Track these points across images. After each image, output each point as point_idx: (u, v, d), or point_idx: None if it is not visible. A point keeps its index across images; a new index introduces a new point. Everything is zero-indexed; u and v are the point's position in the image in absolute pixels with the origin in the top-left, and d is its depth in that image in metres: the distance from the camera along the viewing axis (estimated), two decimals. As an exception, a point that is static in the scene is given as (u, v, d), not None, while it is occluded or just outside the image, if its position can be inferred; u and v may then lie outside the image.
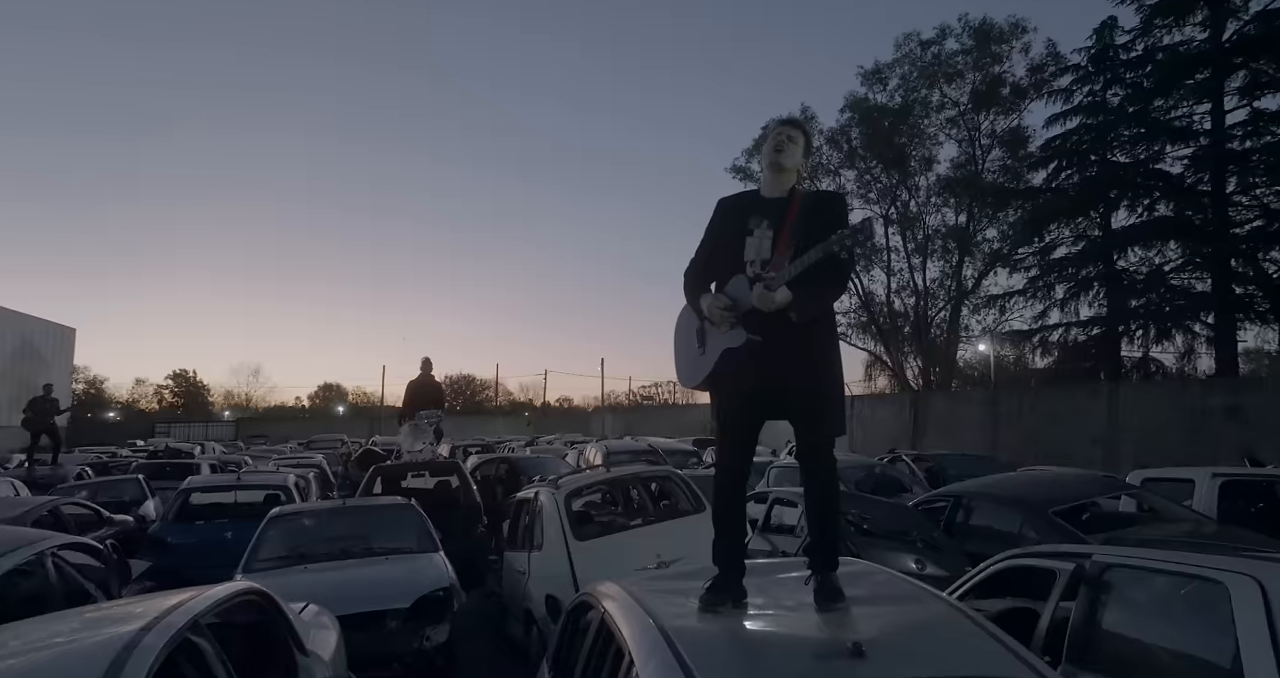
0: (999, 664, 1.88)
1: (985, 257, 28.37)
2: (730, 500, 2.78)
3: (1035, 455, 13.98)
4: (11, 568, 4.50)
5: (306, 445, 23.37)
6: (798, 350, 2.54)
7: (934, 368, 29.08)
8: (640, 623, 2.24)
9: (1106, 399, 15.77)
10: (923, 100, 28.53)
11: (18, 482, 11.78)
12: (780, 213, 2.62)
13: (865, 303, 30.02)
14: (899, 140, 28.28)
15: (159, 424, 45.00)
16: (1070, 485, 6.02)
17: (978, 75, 27.84)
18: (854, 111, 28.72)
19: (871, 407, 23.45)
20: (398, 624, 4.96)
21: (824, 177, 30.08)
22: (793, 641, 2.14)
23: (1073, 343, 22.82)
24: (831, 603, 2.32)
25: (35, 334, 37.18)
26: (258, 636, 3.25)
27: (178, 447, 21.35)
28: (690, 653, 1.95)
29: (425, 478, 9.70)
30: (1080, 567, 2.94)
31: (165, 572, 7.21)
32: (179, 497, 8.84)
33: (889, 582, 2.63)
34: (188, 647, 2.42)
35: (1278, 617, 2.15)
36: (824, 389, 2.60)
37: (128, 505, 11.07)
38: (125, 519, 9.63)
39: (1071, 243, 23.73)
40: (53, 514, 8.15)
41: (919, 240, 29.22)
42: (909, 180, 29.08)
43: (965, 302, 28.48)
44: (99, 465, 16.31)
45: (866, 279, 30.20)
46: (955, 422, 19.72)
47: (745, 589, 2.53)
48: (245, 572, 5.52)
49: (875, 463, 10.98)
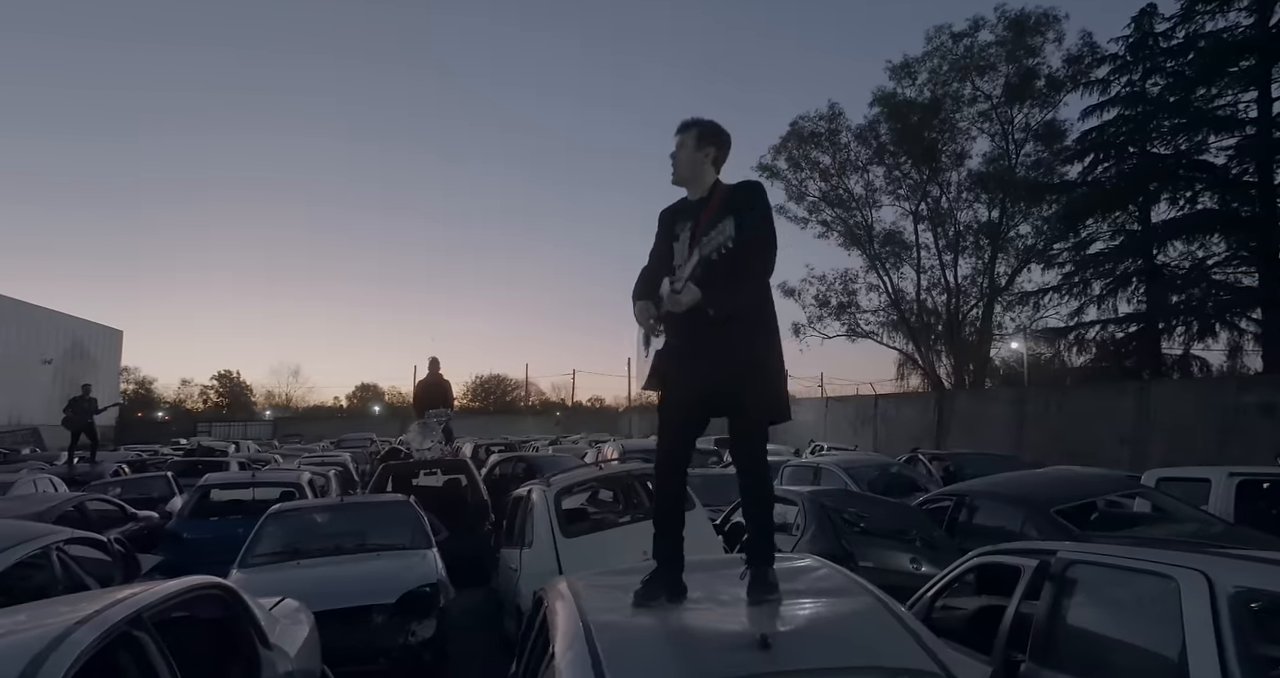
0: (901, 655, 1.88)
1: (1019, 253, 27.75)
2: (667, 497, 2.78)
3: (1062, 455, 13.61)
4: (18, 560, 4.66)
5: (337, 444, 23.85)
6: (720, 347, 2.54)
7: (967, 367, 28.51)
8: (569, 618, 2.27)
9: (1135, 398, 15.30)
10: (954, 94, 28.00)
11: (56, 478, 12.23)
12: (698, 214, 2.68)
13: (895, 301, 29.57)
14: (929, 135, 27.78)
15: (201, 424, 46.40)
16: (1075, 485, 5.87)
17: (1011, 68, 27.22)
18: (882, 106, 28.31)
19: (896, 406, 23.12)
20: (384, 619, 5.01)
21: (852, 173, 29.74)
22: (706, 634, 2.15)
23: (1110, 340, 22.19)
24: (763, 596, 2.32)
25: (85, 336, 38.60)
26: (220, 629, 3.29)
27: (210, 445, 21.94)
28: (605, 648, 1.97)
29: (437, 476, 9.80)
30: (1044, 564, 2.94)
31: (177, 566, 7.37)
32: (195, 493, 9.06)
33: (827, 576, 2.62)
34: (127, 641, 2.45)
35: (1223, 609, 2.16)
36: (750, 384, 2.58)
37: (155, 502, 11.41)
38: (149, 515, 9.90)
39: (1109, 237, 23.10)
40: (78, 510, 8.43)
41: (950, 237, 28.68)
42: (940, 176, 28.55)
43: (998, 299, 27.87)
44: (136, 463, 16.84)
45: (896, 277, 29.78)
46: (980, 421, 19.35)
47: (684, 585, 2.53)
48: (240, 567, 5.64)
49: (892, 462, 10.81)
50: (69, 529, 5.72)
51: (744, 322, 2.57)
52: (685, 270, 2.52)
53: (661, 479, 2.78)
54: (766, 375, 2.63)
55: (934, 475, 10.05)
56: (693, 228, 2.67)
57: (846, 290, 30.07)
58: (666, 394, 2.70)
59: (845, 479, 9.30)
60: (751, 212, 2.60)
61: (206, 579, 3.32)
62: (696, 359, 2.57)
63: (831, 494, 6.62)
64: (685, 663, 1.95)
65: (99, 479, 13.19)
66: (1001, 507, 5.82)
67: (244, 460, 15.55)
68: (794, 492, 6.49)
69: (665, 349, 2.65)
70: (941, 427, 20.37)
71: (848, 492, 7.42)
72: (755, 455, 2.67)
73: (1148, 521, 5.69)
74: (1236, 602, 2.20)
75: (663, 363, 2.67)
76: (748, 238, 2.53)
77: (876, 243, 29.52)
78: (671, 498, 2.77)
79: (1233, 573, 2.30)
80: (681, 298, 2.51)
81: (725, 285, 2.51)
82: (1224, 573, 2.29)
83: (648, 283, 2.79)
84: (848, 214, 30.10)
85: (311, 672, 3.80)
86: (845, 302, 30.02)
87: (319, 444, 26.11)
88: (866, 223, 29.95)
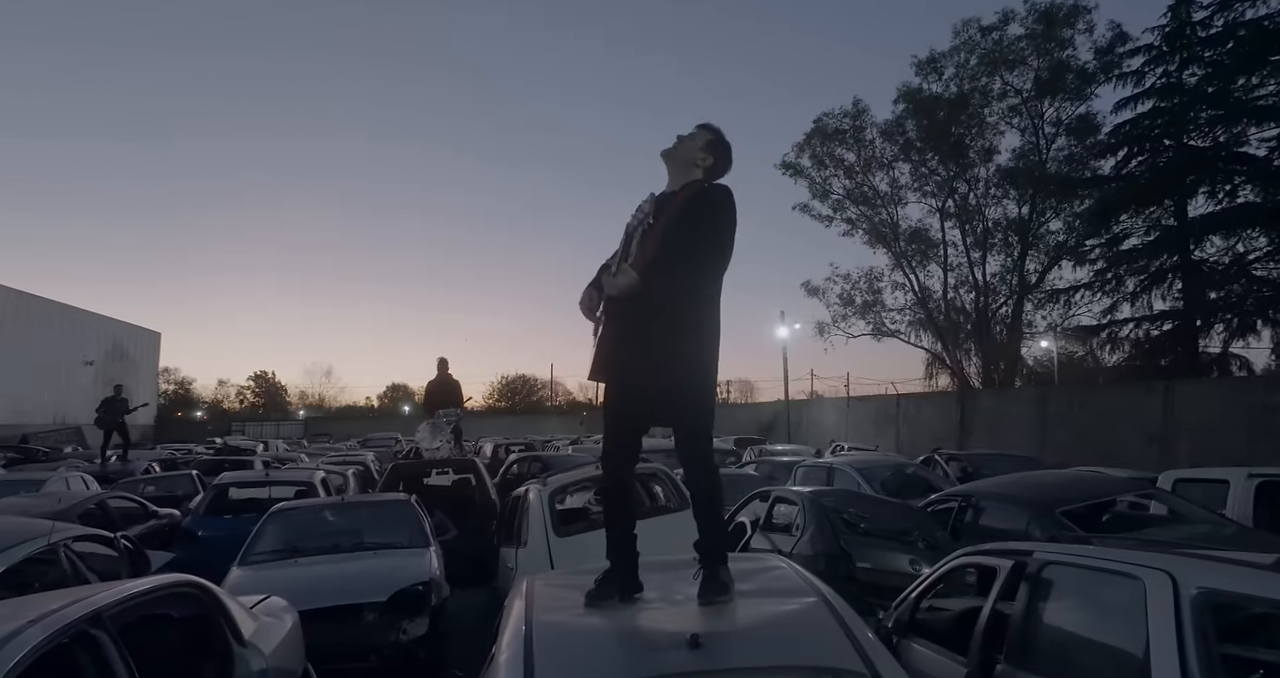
0: (830, 654, 1.87)
1: (1049, 249, 27.13)
2: (613, 496, 2.78)
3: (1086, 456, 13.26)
4: (26, 556, 4.78)
5: (363, 444, 24.20)
6: (655, 339, 2.52)
7: (996, 366, 27.96)
8: (516, 617, 2.28)
9: (1162, 397, 14.86)
10: (982, 89, 27.48)
11: (87, 476, 12.57)
12: (665, 206, 2.70)
13: (921, 300, 29.10)
14: (956, 131, 27.30)
15: (235, 423, 47.48)
16: (1081, 486, 5.75)
17: (1041, 61, 26.61)
18: (907, 102, 27.87)
19: (918, 406, 22.76)
20: (375, 617, 5.04)
21: (877, 170, 29.34)
22: (641, 634, 2.17)
23: (1146, 338, 21.59)
24: (713, 597, 2.30)
25: (125, 338, 39.74)
26: (194, 627, 3.32)
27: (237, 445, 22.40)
28: (541, 648, 1.98)
29: (449, 475, 9.86)
30: (1018, 565, 2.95)
31: (189, 563, 7.50)
32: (210, 492, 9.22)
33: (781, 576, 2.61)
34: (84, 640, 2.47)
35: (1185, 609, 2.16)
36: (688, 384, 2.56)
37: (180, 500, 11.65)
38: (171, 513, 10.10)
39: (1143, 233, 22.50)
40: (100, 507, 8.63)
41: (978, 234, 28.14)
42: (968, 172, 28.04)
43: (1029, 297, 27.27)
44: (167, 462, 17.27)
45: (922, 275, 29.32)
46: (1003, 421, 19.01)
47: (640, 584, 2.53)
48: (240, 564, 5.72)
49: (907, 463, 10.65)
50: (77, 526, 5.84)
51: (684, 317, 2.55)
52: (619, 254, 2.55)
53: (607, 479, 2.79)
54: (701, 376, 2.60)
55: (950, 476, 9.87)
56: (653, 219, 2.68)
57: (871, 289, 29.73)
58: (608, 394, 2.70)
59: (858, 480, 9.19)
60: (708, 213, 2.62)
61: (179, 578, 3.36)
62: (637, 351, 2.55)
63: (832, 495, 6.54)
64: (613, 663, 1.96)
65: (129, 477, 13.53)
66: (1006, 508, 5.71)
67: (268, 460, 15.83)
68: (794, 492, 6.43)
69: (604, 338, 2.63)
70: (964, 427, 20.00)
71: (849, 492, 7.32)
72: (700, 454, 2.66)
73: (1161, 523, 5.55)
74: (1199, 603, 2.18)
75: (603, 354, 2.65)
76: (700, 233, 2.55)
77: (902, 241, 29.10)
78: (618, 497, 2.77)
79: (1197, 574, 2.28)
80: (618, 279, 2.52)
81: (666, 276, 2.50)
82: (1188, 574, 2.27)
83: (603, 269, 2.79)
84: (873, 212, 29.72)
85: (291, 670, 3.82)
86: (870, 300, 29.68)
87: (345, 444, 26.51)
88: (892, 220, 29.56)
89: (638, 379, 2.58)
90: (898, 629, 3.70)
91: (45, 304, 34.10)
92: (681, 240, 2.54)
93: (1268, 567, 2.26)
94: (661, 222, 2.63)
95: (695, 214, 2.60)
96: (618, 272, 2.52)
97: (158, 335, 44.08)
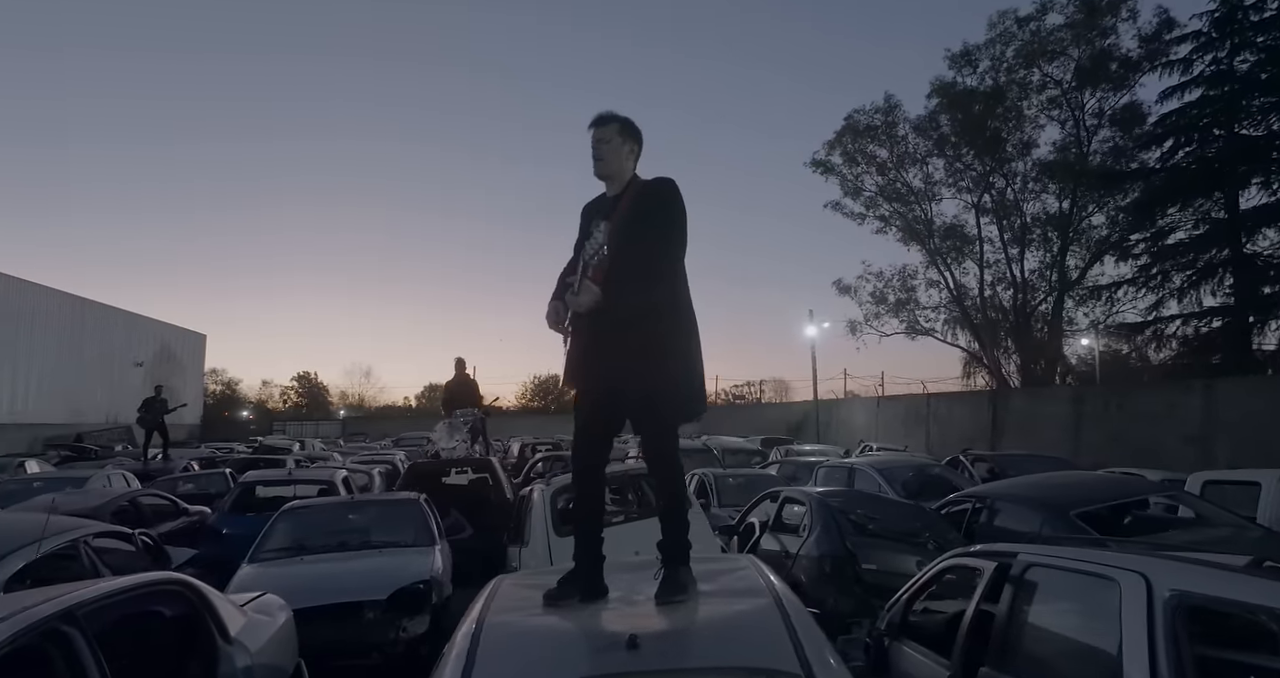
0: (767, 656, 1.85)
1: (1091, 245, 26.33)
2: (583, 498, 2.76)
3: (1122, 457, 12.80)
4: (49, 552, 4.94)
5: (395, 443, 24.58)
6: (623, 347, 2.52)
7: (1037, 364, 27.21)
8: (472, 616, 2.30)
9: (1202, 395, 14.26)
10: (1020, 81, 26.79)
11: (129, 474, 13.00)
12: (613, 210, 2.68)
13: (957, 297, 28.47)
14: (993, 124, 26.66)
15: (277, 423, 48.68)
16: (1097, 488, 5.57)
17: (1082, 50, 25.83)
18: (941, 96, 27.31)
19: (948, 405, 22.23)
20: (376, 615, 5.10)
21: (910, 166, 28.82)
22: (585, 635, 2.17)
23: (1195, 335, 20.80)
24: (669, 597, 2.30)
25: (172, 340, 41.00)
26: (179, 624, 3.37)
27: (273, 444, 22.94)
28: (485, 647, 2.00)
29: (467, 474, 9.94)
30: (1001, 567, 2.93)
31: (211, 560, 7.70)
32: (235, 490, 9.43)
33: (742, 577, 2.59)
34: (55, 637, 2.52)
35: (1158, 610, 2.16)
36: (653, 385, 2.54)
37: (213, 497, 11.96)
38: (201, 510, 10.36)
39: (1192, 226, 21.70)
40: (132, 504, 8.90)
41: (1015, 230, 27.44)
42: (1005, 167, 27.36)
43: (1069, 294, 26.49)
44: (206, 460, 17.76)
45: (958, 272, 28.70)
46: (1037, 421, 18.46)
47: (604, 585, 2.53)
48: (250, 562, 5.83)
49: (930, 464, 10.43)
50: (98, 523, 6.01)
51: (648, 321, 2.54)
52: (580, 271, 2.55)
53: (576, 481, 2.78)
54: (671, 375, 2.58)
55: (975, 478, 9.62)
56: (606, 225, 2.68)
57: (905, 286, 29.23)
58: (579, 397, 2.70)
59: (879, 480, 9.03)
60: (661, 210, 2.61)
61: (165, 575, 3.42)
62: (602, 360, 2.56)
63: (840, 495, 6.44)
64: (550, 662, 1.98)
65: (168, 475, 13.95)
66: (1020, 510, 5.56)
67: (300, 459, 16.18)
68: (802, 492, 6.35)
69: (573, 349, 2.65)
70: (996, 427, 19.48)
71: (859, 493, 7.19)
72: (664, 456, 2.67)
73: (1184, 526, 5.36)
74: (1171, 605, 2.17)
75: (573, 363, 2.67)
76: (653, 238, 2.56)
77: (937, 237, 28.53)
78: (587, 499, 2.75)
79: (1171, 576, 2.25)
80: (580, 299, 2.53)
81: (628, 285, 2.52)
82: (1163, 576, 2.25)
83: (563, 283, 2.79)
84: (906, 208, 29.21)
85: (279, 666, 3.87)
86: (903, 298, 29.17)
87: (379, 443, 26.96)
88: (926, 217, 29.02)
89: (606, 384, 2.59)
90: (890, 632, 3.65)
91: (99, 308, 35.38)
92: (638, 246, 2.54)
93: (1240, 569, 2.22)
94: (615, 227, 2.62)
95: (648, 214, 2.59)
96: (580, 289, 2.53)
97: (203, 337, 45.38)
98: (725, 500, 9.02)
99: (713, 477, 9.80)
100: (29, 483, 11.68)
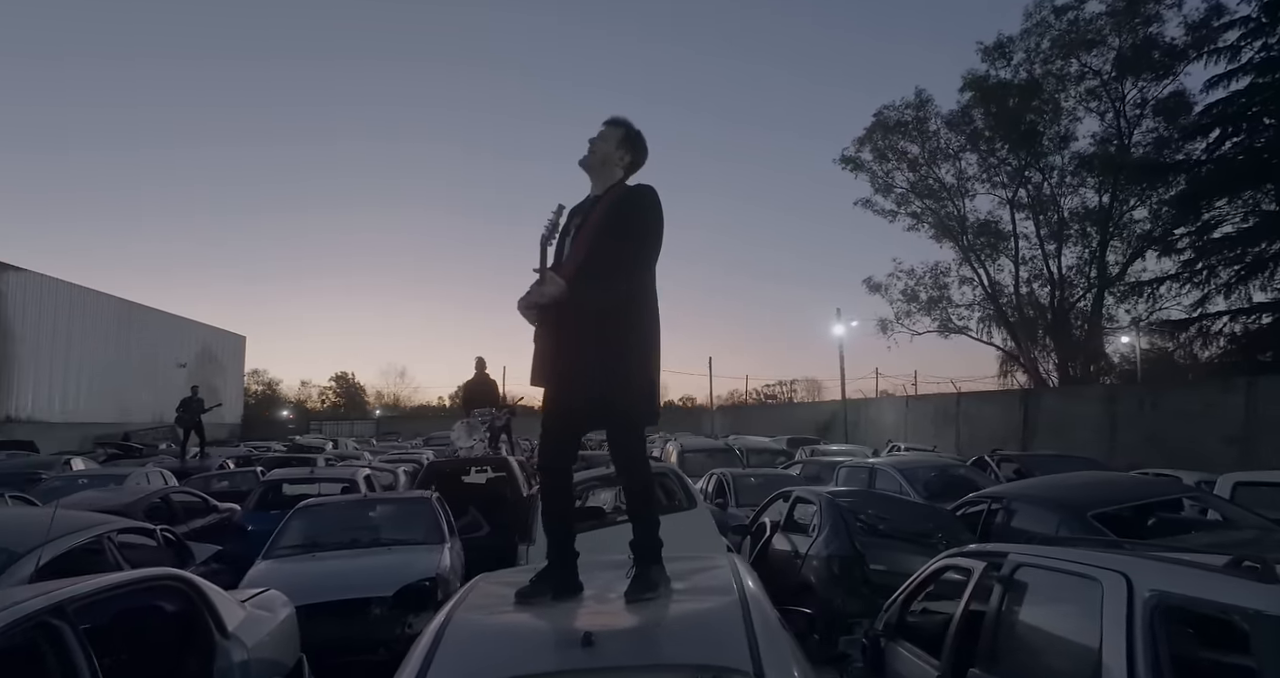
0: (719, 654, 1.84)
1: (1132, 239, 25.55)
2: (551, 497, 2.76)
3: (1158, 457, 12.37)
4: (74, 546, 5.10)
5: (425, 442, 24.90)
6: (581, 347, 2.52)
7: (1077, 362, 26.49)
8: (441, 613, 2.33)
9: (1244, 394, 13.68)
10: (1057, 73, 26.11)
11: (167, 472, 13.39)
12: (590, 210, 2.70)
13: (991, 295, 27.86)
14: (1028, 118, 26.03)
15: (314, 422, 49.74)
16: (1116, 489, 5.41)
17: (1124, 39, 25.05)
18: (974, 90, 26.73)
19: (979, 405, 21.70)
20: (382, 611, 5.16)
21: (943, 162, 28.29)
22: (545, 632, 2.19)
23: (1244, 332, 20.04)
24: (638, 595, 2.31)
25: (213, 342, 42.12)
26: (176, 618, 3.45)
27: (305, 443, 23.39)
28: (447, 643, 2.03)
29: (488, 473, 10.01)
30: (990, 566, 2.93)
31: (235, 555, 7.87)
32: (260, 488, 9.63)
33: (715, 576, 2.59)
34: (45, 630, 2.59)
35: (1138, 610, 2.16)
36: (619, 386, 2.54)
37: (244, 495, 12.24)
38: (231, 507, 10.61)
39: (1240, 219, 20.92)
40: (164, 502, 9.15)
41: (1053, 225, 26.74)
42: (1041, 161, 26.69)
43: (1109, 290, 25.73)
44: (243, 458, 18.20)
45: (992, 269, 28.08)
46: (1071, 421, 17.92)
47: (578, 583, 2.54)
48: (264, 558, 5.94)
49: (953, 464, 10.23)
50: (122, 519, 6.19)
51: (609, 324, 2.54)
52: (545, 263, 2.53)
53: (544, 481, 2.79)
54: (626, 379, 2.57)
55: (999, 478, 9.40)
56: (579, 224, 2.68)
57: (937, 284, 28.72)
58: (545, 397, 2.70)
59: (900, 481, 8.89)
60: (637, 213, 2.62)
61: (162, 571, 3.50)
62: (563, 360, 2.57)
63: (851, 495, 6.34)
64: (504, 659, 1.98)
65: (203, 473, 14.34)
66: (1036, 510, 5.43)
67: (330, 457, 16.48)
68: (813, 492, 6.28)
69: (539, 347, 2.64)
70: (1028, 427, 18.97)
71: (871, 493, 7.07)
72: (632, 456, 2.68)
73: (1208, 528, 5.20)
74: (1151, 605, 2.16)
75: (539, 360, 2.66)
76: (625, 242, 2.57)
77: (970, 234, 27.97)
78: (555, 499, 2.75)
79: (1152, 576, 2.24)
80: (546, 289, 2.50)
81: (595, 282, 2.51)
82: (1144, 576, 2.24)
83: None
84: (938, 205, 28.69)
85: (279, 661, 3.93)
86: (936, 296, 28.64)
87: (411, 442, 27.33)
88: (959, 213, 28.46)
89: (572, 383, 2.58)
90: (887, 632, 3.60)
91: (144, 311, 36.50)
92: (611, 245, 2.55)
93: (1219, 569, 2.17)
94: (589, 227, 2.63)
95: (624, 217, 2.60)
96: (545, 281, 2.51)
97: (243, 339, 46.52)
98: (743, 500, 8.95)
99: (731, 476, 9.73)
100: (74, 480, 12.16)
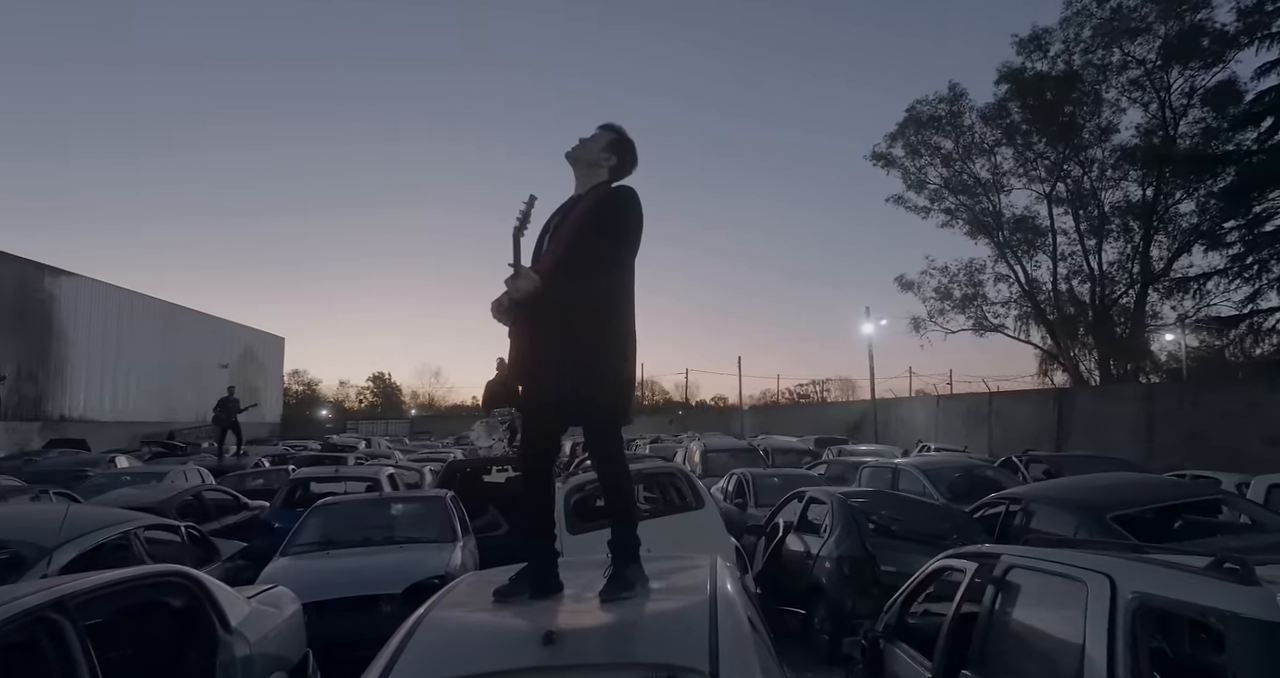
0: (678, 653, 1.84)
1: (1178, 234, 24.69)
2: (532, 498, 2.76)
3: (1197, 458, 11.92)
4: (102, 541, 5.26)
5: (455, 441, 25.19)
6: (555, 345, 2.52)
7: (1114, 361, 25.71)
8: (418, 611, 2.34)
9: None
10: (1097, 63, 25.36)
11: (204, 470, 13.78)
12: (571, 209, 2.70)
13: (1028, 292, 27.17)
14: (1067, 110, 25.32)
15: (351, 421, 50.73)
16: (1138, 490, 5.24)
17: (1170, 26, 24.20)
18: (1010, 83, 26.09)
19: (1012, 405, 21.15)
20: (391, 608, 5.21)
21: (977, 157, 27.69)
22: (510, 630, 2.20)
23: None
24: (613, 594, 2.32)
25: (254, 343, 43.21)
26: (180, 613, 3.53)
27: (339, 442, 23.83)
28: (416, 641, 2.05)
29: (507, 472, 10.09)
30: (981, 568, 2.93)
31: (260, 552, 8.05)
32: (287, 486, 9.83)
33: (691, 575, 2.58)
34: (45, 625, 2.67)
35: (1121, 611, 2.17)
36: (595, 385, 2.53)
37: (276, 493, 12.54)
38: (261, 505, 10.87)
39: (1296, 212, 20.10)
40: (196, 499, 9.41)
41: (1093, 220, 25.97)
42: (1080, 154, 25.95)
43: (1153, 286, 24.91)
44: (278, 457, 18.63)
45: (1029, 265, 27.38)
46: (1107, 421, 17.39)
47: (558, 582, 2.54)
48: (282, 555, 6.06)
49: (978, 464, 10.01)
50: (148, 516, 6.37)
51: (584, 322, 2.53)
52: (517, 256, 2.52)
53: (524, 480, 2.78)
54: (609, 374, 2.56)
55: (1026, 479, 9.17)
56: (559, 222, 2.69)
57: (971, 281, 28.07)
58: (522, 395, 2.70)
59: (924, 482, 8.74)
60: (617, 212, 2.62)
61: (167, 567, 3.58)
62: (538, 358, 2.56)
63: (864, 496, 6.25)
64: (467, 656, 2.01)
65: (238, 471, 14.72)
66: (1055, 512, 5.30)
67: (361, 456, 16.77)
68: (825, 492, 6.22)
69: (515, 345, 2.64)
70: (1062, 427, 18.45)
71: (885, 494, 6.96)
72: (608, 455, 2.66)
73: (1235, 531, 5.04)
74: (1133, 607, 2.17)
75: (514, 357, 2.66)
76: (603, 240, 2.57)
77: (1006, 230, 27.32)
78: (535, 498, 2.75)
79: (1136, 578, 2.24)
80: (520, 283, 2.50)
81: (571, 279, 2.51)
82: (1127, 578, 2.24)
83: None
84: (973, 201, 28.06)
85: (284, 656, 4.00)
86: (970, 293, 28.03)
87: (442, 442, 27.67)
88: (994, 209, 27.80)
89: (543, 378, 2.57)
90: (886, 633, 3.57)
91: (189, 313, 37.62)
92: (588, 244, 2.55)
93: (1200, 571, 2.14)
94: (568, 225, 2.62)
95: (602, 217, 2.59)
96: (519, 274, 2.51)
97: (281, 340, 47.63)
98: (763, 500, 8.88)
99: (751, 476, 9.67)
100: (117, 477, 12.63)
